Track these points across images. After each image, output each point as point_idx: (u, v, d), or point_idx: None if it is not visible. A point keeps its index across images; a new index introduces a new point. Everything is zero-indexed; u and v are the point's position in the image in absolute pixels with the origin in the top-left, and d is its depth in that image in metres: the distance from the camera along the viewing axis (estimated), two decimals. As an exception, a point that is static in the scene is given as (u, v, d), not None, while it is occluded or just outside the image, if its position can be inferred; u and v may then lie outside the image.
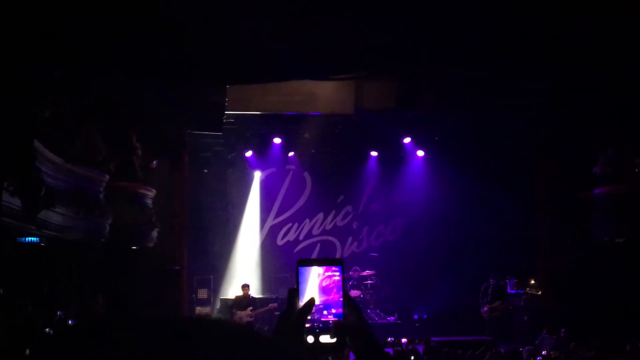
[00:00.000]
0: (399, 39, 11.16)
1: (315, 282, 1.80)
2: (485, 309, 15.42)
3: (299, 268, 1.79)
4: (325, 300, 1.79)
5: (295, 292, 1.76)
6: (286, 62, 11.94)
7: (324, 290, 1.80)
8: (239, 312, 15.73)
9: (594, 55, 12.32)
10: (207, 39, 10.96)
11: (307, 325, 1.74)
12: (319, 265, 1.82)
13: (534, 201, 17.21)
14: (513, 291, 16.02)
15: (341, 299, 1.79)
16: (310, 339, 1.74)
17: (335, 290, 1.80)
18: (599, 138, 15.03)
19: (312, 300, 1.74)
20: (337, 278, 1.81)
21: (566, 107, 14.91)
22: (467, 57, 12.65)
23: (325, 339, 1.75)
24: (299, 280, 1.78)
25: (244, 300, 15.97)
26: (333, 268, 1.82)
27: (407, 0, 10.20)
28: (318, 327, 1.76)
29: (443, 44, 11.69)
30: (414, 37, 11.17)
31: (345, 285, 1.82)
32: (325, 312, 1.78)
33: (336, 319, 1.78)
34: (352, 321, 1.77)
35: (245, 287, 16.16)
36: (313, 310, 1.76)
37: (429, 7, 10.34)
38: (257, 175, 19.65)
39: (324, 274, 1.81)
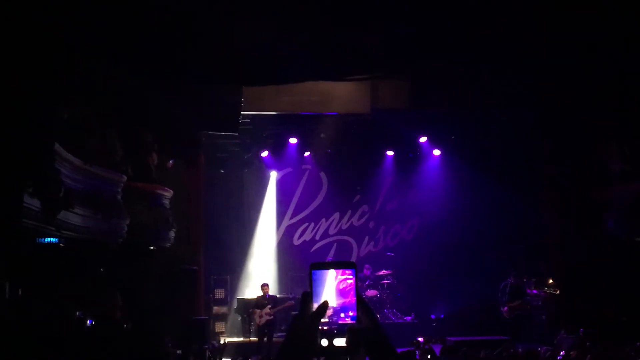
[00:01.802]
0: (412, 38, 11.14)
1: (332, 285, 1.81)
2: (506, 308, 15.36)
3: (312, 271, 1.81)
4: (342, 303, 1.80)
5: (308, 295, 1.77)
6: (301, 63, 11.96)
7: (340, 293, 1.81)
8: (257, 310, 15.79)
9: (604, 51, 12.24)
10: (223, 40, 11.00)
11: (324, 328, 1.75)
12: (332, 268, 1.83)
13: (546, 200, 17.12)
14: (532, 291, 15.92)
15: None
16: (324, 342, 1.75)
17: (351, 293, 1.81)
18: (609, 137, 14.91)
19: (325, 304, 1.75)
20: (351, 281, 1.82)
21: (577, 105, 14.83)
22: (478, 55, 12.61)
23: (339, 342, 1.76)
24: (313, 283, 1.80)
25: (263, 299, 16.03)
26: (347, 271, 1.83)
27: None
28: (336, 329, 1.77)
29: (455, 42, 11.65)
30: (427, 35, 11.15)
31: (358, 288, 1.83)
32: (342, 315, 1.79)
33: (353, 321, 1.79)
34: (365, 324, 1.78)
35: (265, 286, 16.23)
36: (330, 313, 1.77)
37: (441, 6, 10.31)
38: (273, 175, 19.69)
39: (340, 277, 1.82)
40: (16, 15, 8.78)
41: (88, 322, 11.29)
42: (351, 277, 1.82)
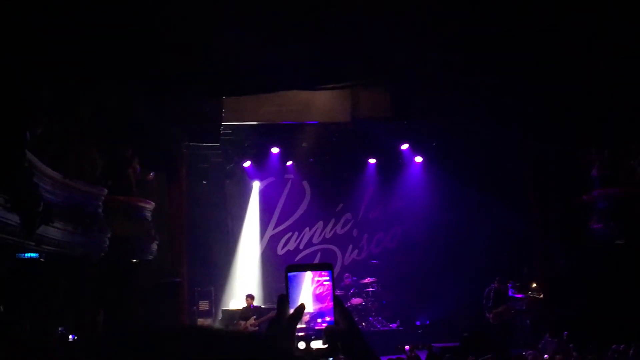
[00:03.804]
0: (392, 48, 11.19)
1: (308, 290, 1.79)
2: (492, 315, 15.42)
3: (288, 274, 1.79)
4: (320, 308, 1.78)
5: (285, 298, 1.75)
6: (281, 72, 11.97)
7: (317, 298, 1.79)
8: (242, 322, 15.71)
9: (585, 61, 12.37)
10: (202, 50, 10.99)
11: (301, 333, 1.74)
12: (308, 270, 1.81)
13: (528, 206, 17.24)
14: (515, 295, 15.99)
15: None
16: (301, 345, 1.73)
17: (328, 297, 1.79)
18: (590, 143, 15.07)
19: (302, 307, 1.74)
20: (327, 283, 1.81)
21: (557, 113, 14.97)
22: (460, 65, 12.70)
23: (316, 344, 1.74)
24: (289, 286, 1.78)
25: (248, 310, 15.96)
26: (323, 273, 1.81)
27: (400, 8, 10.23)
28: (313, 334, 1.75)
29: (436, 52, 11.72)
30: (407, 46, 11.20)
31: (334, 289, 1.82)
32: (319, 320, 1.78)
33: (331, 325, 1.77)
34: (343, 326, 1.76)
35: (249, 297, 16.15)
36: (308, 319, 1.75)
37: (422, 15, 10.38)
38: (256, 185, 19.65)
39: (316, 281, 1.81)
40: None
41: (70, 337, 11.17)
42: (328, 278, 1.81)
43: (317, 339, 1.74)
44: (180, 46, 10.60)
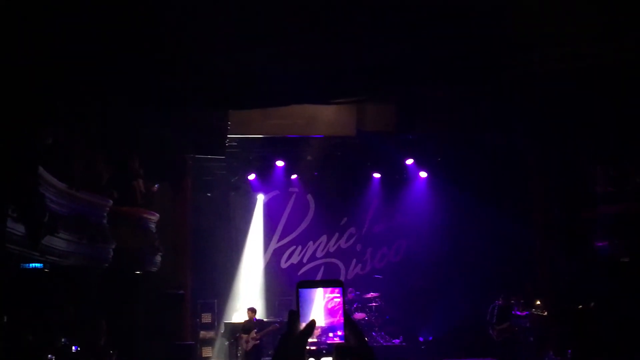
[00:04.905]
0: (398, 62, 11.21)
1: (320, 304, 1.79)
2: (495, 332, 15.34)
3: (299, 290, 1.79)
4: (330, 322, 1.78)
5: (295, 314, 1.75)
6: (286, 87, 11.99)
7: (329, 312, 1.79)
8: (244, 335, 15.65)
9: (591, 76, 12.38)
10: (209, 64, 11.02)
11: (312, 347, 1.73)
12: (319, 287, 1.81)
13: (533, 222, 17.20)
14: (519, 312, 15.91)
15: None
16: (311, 361, 1.73)
17: (339, 312, 1.79)
18: (595, 160, 15.06)
19: (313, 322, 1.73)
20: (338, 300, 1.81)
21: (561, 126, 14.98)
22: (463, 79, 12.72)
23: (326, 361, 1.74)
24: (300, 302, 1.78)
25: (250, 324, 15.90)
26: (334, 289, 1.82)
27: (404, 23, 10.26)
28: (324, 350, 1.75)
29: (440, 66, 11.74)
30: (412, 60, 11.22)
31: (345, 306, 1.82)
32: (330, 335, 1.77)
33: (341, 341, 1.77)
34: (353, 343, 1.76)
35: (251, 310, 16.10)
36: (318, 333, 1.75)
37: (426, 30, 10.40)
38: (260, 198, 19.66)
39: (327, 295, 1.81)
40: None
41: (73, 348, 11.14)
42: (338, 295, 1.81)
43: (327, 355, 1.74)
44: (188, 59, 10.64)
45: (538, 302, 16.25)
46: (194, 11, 9.38)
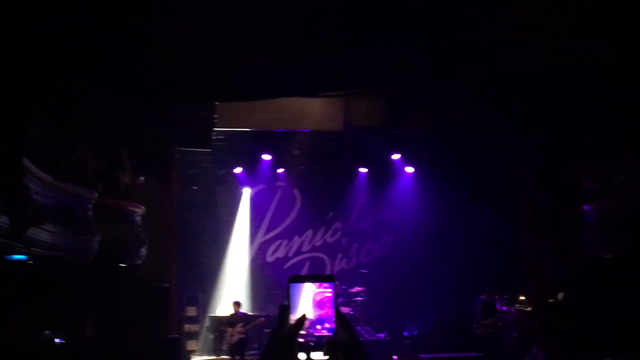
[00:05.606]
0: (387, 58, 11.21)
1: (309, 297, 1.79)
2: (479, 327, 15.43)
3: (291, 284, 1.79)
4: (319, 314, 1.78)
5: (286, 308, 1.75)
6: (274, 79, 11.96)
7: (317, 304, 1.79)
8: (229, 329, 15.65)
9: (578, 73, 12.45)
10: (196, 56, 10.97)
11: (300, 340, 1.73)
12: (310, 281, 1.81)
13: (520, 218, 17.29)
14: (503, 308, 16.01)
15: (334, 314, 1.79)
16: (302, 355, 1.73)
17: (328, 305, 1.79)
18: (581, 158, 15.17)
19: (303, 317, 1.73)
20: (329, 294, 1.81)
21: (549, 124, 15.06)
22: (452, 76, 12.74)
23: (317, 355, 1.74)
24: (291, 296, 1.77)
25: (235, 317, 15.89)
26: (325, 285, 1.82)
27: (394, 19, 10.25)
28: (312, 342, 1.75)
29: (430, 63, 11.75)
30: (403, 56, 11.22)
31: (336, 301, 1.82)
32: (318, 327, 1.78)
33: (330, 333, 1.77)
34: (343, 337, 1.76)
35: (236, 304, 16.08)
36: (307, 325, 1.75)
37: (417, 26, 10.40)
38: (247, 192, 19.61)
39: (317, 289, 1.81)
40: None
41: (57, 340, 11.08)
42: (330, 290, 1.81)
43: (318, 349, 1.74)
44: (175, 51, 10.58)
45: (522, 298, 16.36)
46: (181, 3, 9.33)
